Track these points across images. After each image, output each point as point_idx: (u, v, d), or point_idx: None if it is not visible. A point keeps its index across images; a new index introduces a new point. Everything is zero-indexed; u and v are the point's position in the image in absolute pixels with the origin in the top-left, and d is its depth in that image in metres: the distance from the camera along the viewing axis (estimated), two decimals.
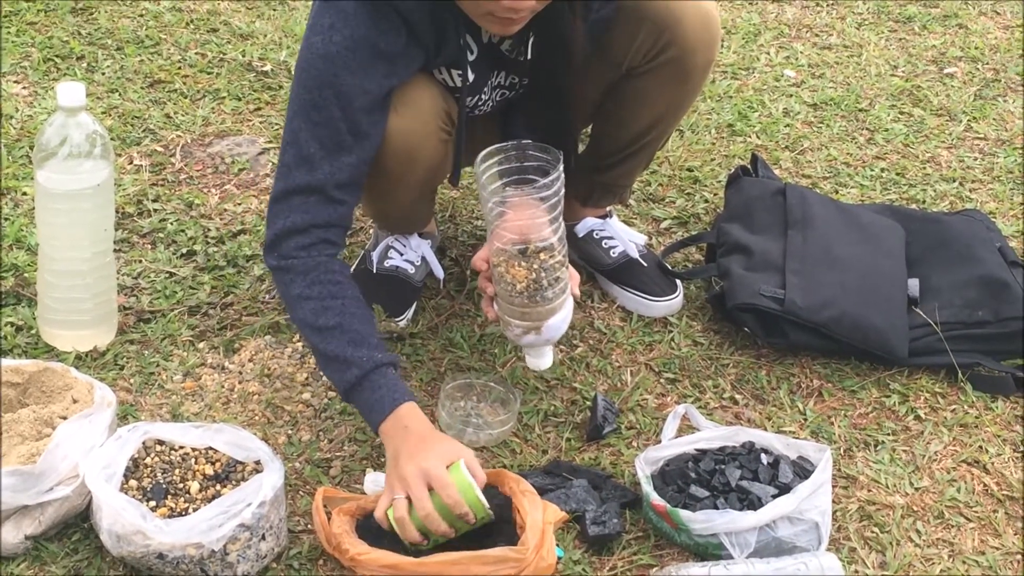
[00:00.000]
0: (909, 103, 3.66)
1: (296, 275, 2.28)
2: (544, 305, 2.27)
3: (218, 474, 2.19)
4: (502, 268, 2.26)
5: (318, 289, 2.27)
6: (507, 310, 2.30)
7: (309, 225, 2.28)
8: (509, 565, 2.08)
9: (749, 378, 2.64)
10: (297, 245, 2.28)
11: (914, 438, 2.51)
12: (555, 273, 2.26)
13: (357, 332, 2.25)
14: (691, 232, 3.05)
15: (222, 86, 3.51)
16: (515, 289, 2.25)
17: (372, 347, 2.24)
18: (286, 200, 2.29)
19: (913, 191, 3.25)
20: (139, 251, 2.88)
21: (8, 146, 3.19)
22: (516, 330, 2.31)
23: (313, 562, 2.19)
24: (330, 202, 2.29)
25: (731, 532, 2.17)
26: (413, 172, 2.44)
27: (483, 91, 2.47)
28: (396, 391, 2.23)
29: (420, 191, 2.56)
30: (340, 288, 2.28)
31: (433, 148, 2.43)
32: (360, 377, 2.22)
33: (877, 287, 2.71)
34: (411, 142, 2.38)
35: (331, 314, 2.25)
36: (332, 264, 2.30)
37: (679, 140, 3.39)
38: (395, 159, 2.38)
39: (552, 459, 2.42)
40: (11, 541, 2.14)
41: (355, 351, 2.23)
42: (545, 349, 2.35)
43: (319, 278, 2.27)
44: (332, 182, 2.28)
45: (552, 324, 2.30)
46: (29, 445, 2.17)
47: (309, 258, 2.28)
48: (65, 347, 2.57)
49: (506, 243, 2.23)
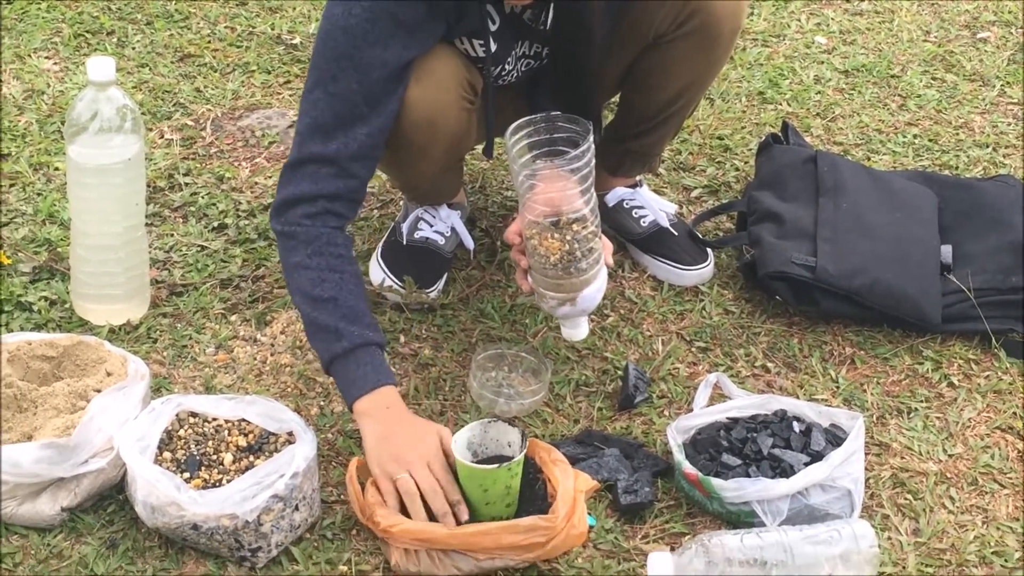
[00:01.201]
0: (942, 68, 3.63)
1: (299, 243, 2.29)
2: (578, 276, 2.27)
3: (251, 446, 2.20)
4: (535, 240, 2.26)
5: (318, 260, 2.27)
6: (541, 282, 2.30)
7: (317, 195, 2.29)
8: (539, 533, 2.09)
9: (781, 346, 2.63)
10: (303, 213, 2.29)
11: (947, 405, 2.50)
12: (588, 244, 2.25)
13: (352, 308, 2.26)
14: (722, 200, 3.03)
15: (252, 59, 3.51)
16: (549, 261, 2.25)
17: (365, 325, 2.25)
18: (299, 168, 2.30)
19: (946, 157, 3.23)
20: (171, 225, 2.89)
21: (40, 121, 3.20)
22: (551, 302, 2.31)
23: (346, 532, 2.20)
24: (342, 174, 2.30)
25: (763, 500, 2.17)
26: (436, 143, 2.44)
27: (507, 61, 2.47)
28: (380, 371, 2.24)
29: (445, 162, 2.56)
30: (341, 262, 2.29)
31: (455, 118, 2.43)
32: (348, 350, 2.23)
33: (909, 254, 2.69)
34: (432, 112, 2.37)
35: (328, 286, 2.26)
36: (336, 237, 2.30)
37: (709, 108, 3.38)
38: (417, 130, 2.38)
39: (584, 429, 2.42)
40: (48, 513, 2.16)
41: (347, 325, 2.24)
42: (580, 320, 2.36)
43: (321, 249, 2.28)
44: (346, 154, 2.29)
45: (587, 294, 2.30)
46: (64, 418, 2.19)
47: (313, 228, 2.29)
48: (98, 321, 2.59)
49: (538, 215, 2.23)
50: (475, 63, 2.45)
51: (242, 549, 2.10)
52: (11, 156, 3.08)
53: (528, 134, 2.23)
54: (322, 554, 2.16)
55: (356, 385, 2.23)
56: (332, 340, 2.24)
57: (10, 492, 2.14)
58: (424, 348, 2.59)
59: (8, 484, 2.13)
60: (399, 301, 2.66)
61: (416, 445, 2.17)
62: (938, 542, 2.22)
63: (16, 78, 3.37)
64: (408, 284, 2.65)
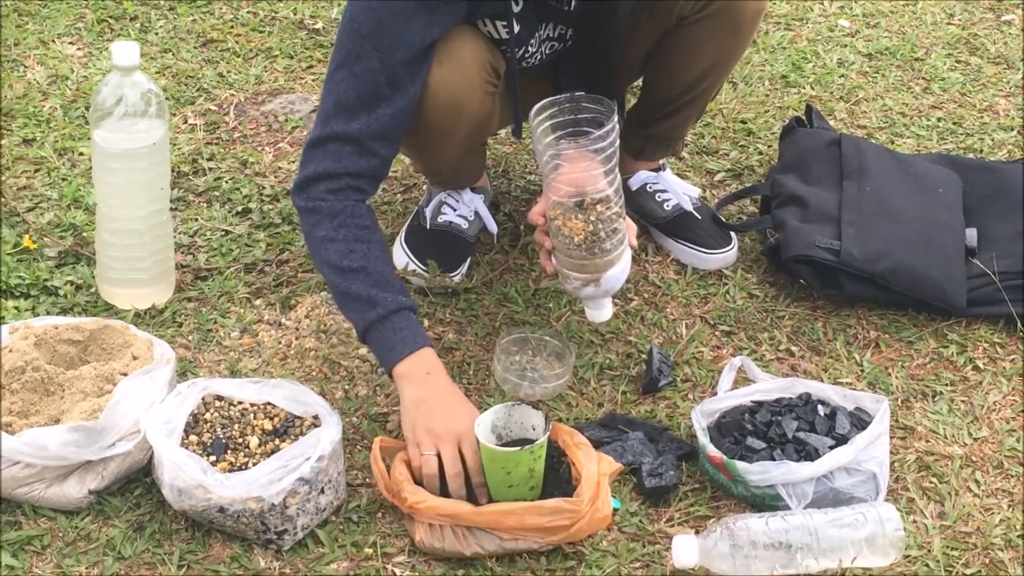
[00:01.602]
0: (966, 51, 3.61)
1: (323, 217, 2.30)
2: (602, 257, 2.27)
3: (276, 429, 2.21)
4: (559, 221, 2.25)
5: (344, 232, 2.29)
6: (565, 263, 2.30)
7: (341, 173, 2.31)
8: (564, 516, 2.09)
9: (805, 330, 2.63)
10: (326, 189, 2.31)
11: (972, 388, 2.50)
12: (612, 224, 2.25)
13: (381, 275, 2.28)
14: (745, 184, 3.03)
15: (274, 44, 3.52)
16: (573, 242, 2.25)
17: (396, 290, 2.28)
18: (321, 146, 2.31)
19: (970, 140, 3.22)
20: (195, 209, 2.90)
21: (64, 107, 3.21)
22: (575, 283, 2.31)
23: (371, 515, 2.21)
24: (364, 153, 2.31)
25: (788, 483, 2.17)
26: (459, 125, 2.44)
27: (530, 43, 2.47)
28: (417, 334, 2.26)
29: (468, 145, 2.56)
30: (367, 232, 2.30)
31: (479, 101, 2.43)
32: (383, 316, 2.25)
33: (934, 237, 2.68)
34: (455, 94, 2.37)
35: (356, 256, 2.28)
36: (359, 209, 2.32)
37: (732, 92, 3.37)
38: (440, 112, 2.38)
39: (608, 412, 2.42)
40: (75, 495, 2.17)
41: (379, 292, 2.26)
42: (604, 301, 2.35)
43: (346, 222, 2.29)
44: (368, 133, 2.30)
45: (611, 275, 2.30)
46: (91, 401, 2.20)
47: (337, 201, 2.30)
48: (124, 305, 2.60)
49: (562, 196, 2.23)
50: (498, 45, 2.45)
51: (268, 532, 2.11)
52: (36, 142, 3.09)
53: (552, 114, 2.23)
54: (348, 537, 2.17)
55: (395, 350, 2.25)
56: (366, 308, 2.26)
57: (38, 475, 2.15)
58: (448, 332, 2.59)
59: (36, 467, 2.14)
60: (423, 285, 2.67)
61: (450, 422, 2.18)
62: (963, 525, 2.22)
63: (40, 64, 3.38)
64: (432, 268, 2.65)
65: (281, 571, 2.11)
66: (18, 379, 2.22)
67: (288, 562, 2.13)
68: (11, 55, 3.40)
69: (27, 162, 3.02)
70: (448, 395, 2.23)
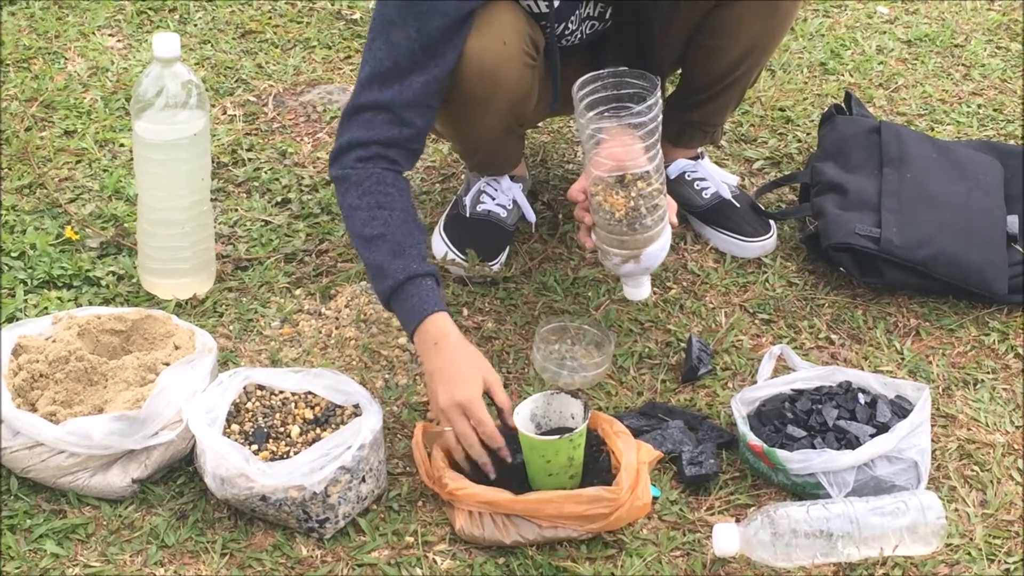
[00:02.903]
0: (1006, 37, 3.59)
1: (351, 185, 2.31)
2: (643, 233, 2.27)
3: (317, 418, 2.22)
4: (600, 197, 2.25)
5: (368, 200, 2.29)
6: (606, 239, 2.30)
7: (371, 141, 2.32)
8: (603, 505, 2.09)
9: (845, 318, 2.62)
10: (357, 157, 2.32)
11: (1014, 376, 2.49)
12: (653, 200, 2.25)
13: (398, 243, 2.26)
14: (784, 172, 3.02)
15: (312, 35, 3.53)
16: (614, 217, 2.25)
17: (410, 258, 2.26)
18: (355, 116, 2.33)
19: (1011, 127, 3.20)
20: (235, 200, 2.92)
21: (104, 98, 3.23)
22: (615, 259, 2.31)
23: (412, 504, 2.22)
24: (397, 122, 2.32)
25: (829, 471, 2.17)
26: (497, 96, 2.43)
27: (570, 20, 2.46)
28: (426, 302, 2.23)
29: (505, 123, 2.54)
30: (390, 199, 2.30)
31: (517, 74, 2.42)
32: (393, 288, 2.25)
33: (975, 224, 2.67)
34: (494, 63, 2.37)
35: (377, 224, 2.28)
36: (386, 176, 2.32)
37: (771, 80, 3.36)
38: (478, 81, 2.38)
39: (647, 401, 2.42)
40: (119, 484, 2.19)
41: (392, 261, 2.25)
42: (643, 279, 2.35)
43: (370, 188, 2.30)
44: (400, 101, 2.31)
45: (651, 252, 2.29)
46: (134, 391, 2.22)
47: (364, 169, 2.31)
48: (165, 295, 2.61)
49: (603, 171, 2.22)
50: (538, 20, 2.44)
51: (310, 520, 2.13)
52: (77, 133, 3.11)
53: (594, 89, 2.22)
54: (389, 525, 2.18)
55: (408, 321, 2.25)
56: (381, 279, 2.27)
57: (82, 464, 2.17)
58: (487, 321, 2.60)
59: (80, 456, 2.16)
60: (462, 274, 2.67)
61: (451, 395, 2.16)
62: (1006, 513, 2.21)
63: (81, 56, 3.40)
64: (471, 257, 2.66)
65: (323, 559, 2.13)
66: (62, 369, 2.24)
67: (330, 550, 2.14)
68: (52, 47, 3.42)
69: (68, 153, 3.04)
70: (449, 364, 2.20)
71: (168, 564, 2.12)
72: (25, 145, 3.03)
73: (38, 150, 3.04)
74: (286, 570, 2.11)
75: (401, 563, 2.12)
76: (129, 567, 2.11)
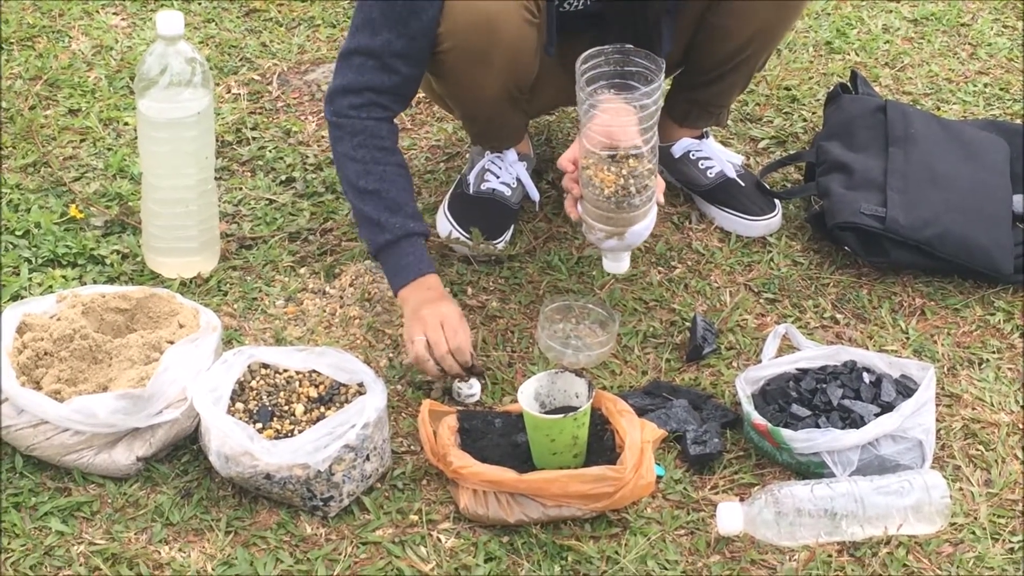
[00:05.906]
0: (1013, 16, 3.57)
1: (345, 134, 2.41)
2: (630, 212, 2.26)
3: (322, 396, 2.22)
4: (591, 171, 2.24)
5: (363, 153, 2.40)
6: (592, 213, 2.29)
7: (363, 87, 2.40)
8: (608, 483, 2.10)
9: (850, 297, 2.61)
10: (351, 104, 2.41)
11: (1019, 356, 2.48)
12: (644, 181, 2.24)
13: (394, 200, 2.39)
14: (789, 151, 3.01)
15: (316, 14, 3.52)
16: (603, 194, 2.24)
17: (407, 216, 2.40)
18: (348, 58, 2.41)
19: (1017, 106, 3.19)
20: (239, 179, 2.91)
21: (109, 77, 3.23)
22: (598, 233, 2.30)
23: (416, 482, 2.22)
24: (386, 69, 2.39)
25: (833, 450, 2.17)
26: (494, 48, 2.41)
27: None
28: (422, 261, 2.40)
29: (504, 82, 2.51)
30: (385, 154, 2.41)
31: (515, 26, 2.41)
32: (391, 242, 2.39)
33: (981, 204, 2.66)
34: (491, 13, 2.37)
35: (372, 179, 2.39)
36: (380, 129, 2.42)
37: (776, 59, 3.35)
38: (475, 32, 2.38)
39: (652, 380, 2.42)
40: (124, 462, 2.19)
41: (390, 217, 2.38)
42: (624, 254, 2.35)
43: (365, 142, 2.40)
44: (389, 50, 2.37)
45: (635, 230, 2.29)
46: (138, 369, 2.22)
47: (359, 120, 2.40)
48: (170, 274, 2.61)
49: (596, 146, 2.21)
50: None
51: (314, 498, 2.13)
52: (81, 112, 3.11)
53: (598, 63, 2.21)
54: (393, 503, 2.18)
55: (400, 275, 2.40)
56: (377, 232, 2.39)
57: (87, 442, 2.18)
58: (491, 300, 2.60)
59: (85, 434, 2.17)
60: (466, 253, 2.67)
61: (435, 309, 2.33)
62: (1010, 493, 2.21)
63: (85, 34, 3.40)
64: (475, 235, 2.65)
65: (327, 537, 2.13)
66: (66, 347, 2.24)
67: (334, 528, 2.14)
68: (55, 26, 3.42)
69: (73, 132, 3.04)
70: (440, 304, 2.35)
71: (173, 542, 2.12)
72: (29, 124, 3.03)
73: (42, 129, 3.03)
74: (290, 548, 2.11)
75: (405, 541, 2.12)
76: (134, 545, 2.11)
